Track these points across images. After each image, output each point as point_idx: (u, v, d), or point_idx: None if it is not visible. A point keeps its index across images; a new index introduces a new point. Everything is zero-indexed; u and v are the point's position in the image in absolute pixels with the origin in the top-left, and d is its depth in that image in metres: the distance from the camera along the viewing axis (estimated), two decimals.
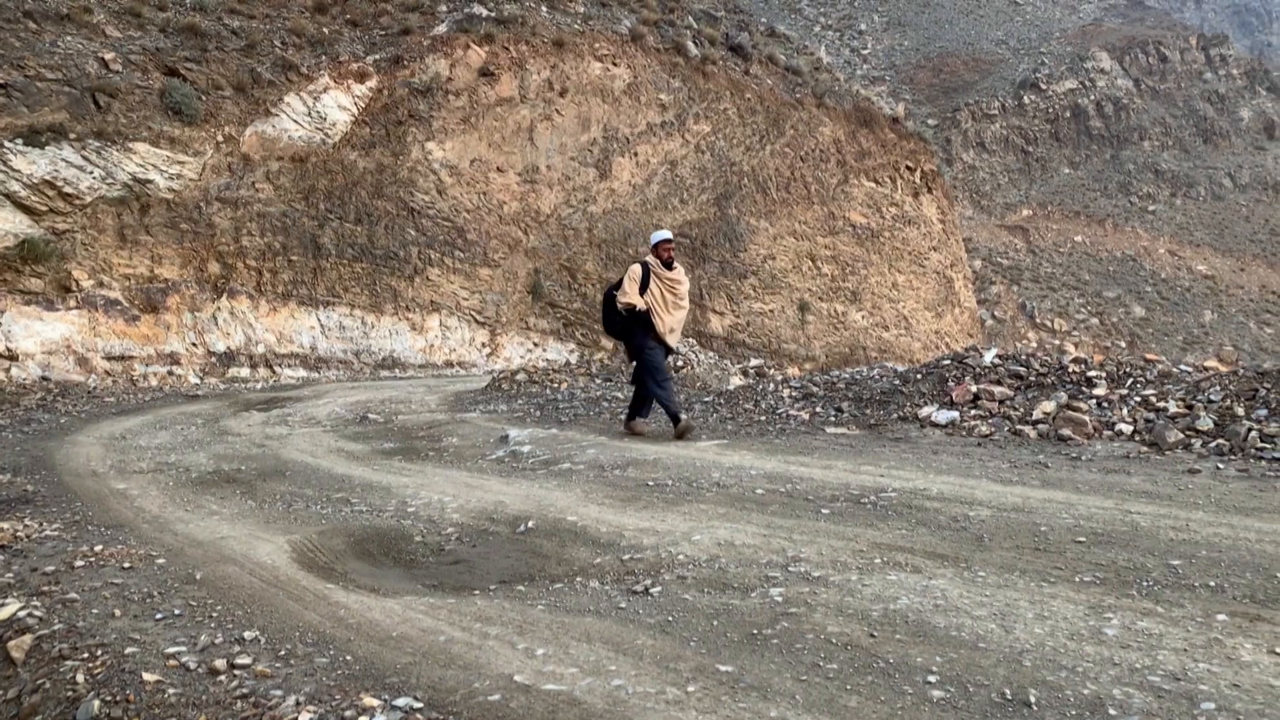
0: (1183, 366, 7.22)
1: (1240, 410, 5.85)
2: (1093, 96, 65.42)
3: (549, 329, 21.37)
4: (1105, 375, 7.04)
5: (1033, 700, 2.42)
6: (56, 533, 4.78)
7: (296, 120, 17.71)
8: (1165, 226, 60.38)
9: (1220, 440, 5.60)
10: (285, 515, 5.18)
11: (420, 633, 3.15)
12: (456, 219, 20.06)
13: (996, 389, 7.18)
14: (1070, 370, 7.23)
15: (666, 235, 7.71)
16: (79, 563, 4.17)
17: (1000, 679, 2.55)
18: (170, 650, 3.05)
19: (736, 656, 2.81)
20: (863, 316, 27.27)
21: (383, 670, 2.84)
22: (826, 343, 26.11)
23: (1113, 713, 2.33)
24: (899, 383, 8.02)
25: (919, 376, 7.98)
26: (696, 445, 6.84)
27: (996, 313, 50.48)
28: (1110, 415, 6.37)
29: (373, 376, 17.42)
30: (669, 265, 7.63)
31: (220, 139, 16.47)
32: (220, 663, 2.91)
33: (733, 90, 25.81)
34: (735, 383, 12.56)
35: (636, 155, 23.49)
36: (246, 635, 3.17)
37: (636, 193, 23.37)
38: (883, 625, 2.99)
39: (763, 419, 7.97)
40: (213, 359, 16.03)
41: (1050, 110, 64.71)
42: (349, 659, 2.94)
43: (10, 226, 13.73)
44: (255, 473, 6.65)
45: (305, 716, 2.54)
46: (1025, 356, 7.72)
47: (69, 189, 14.27)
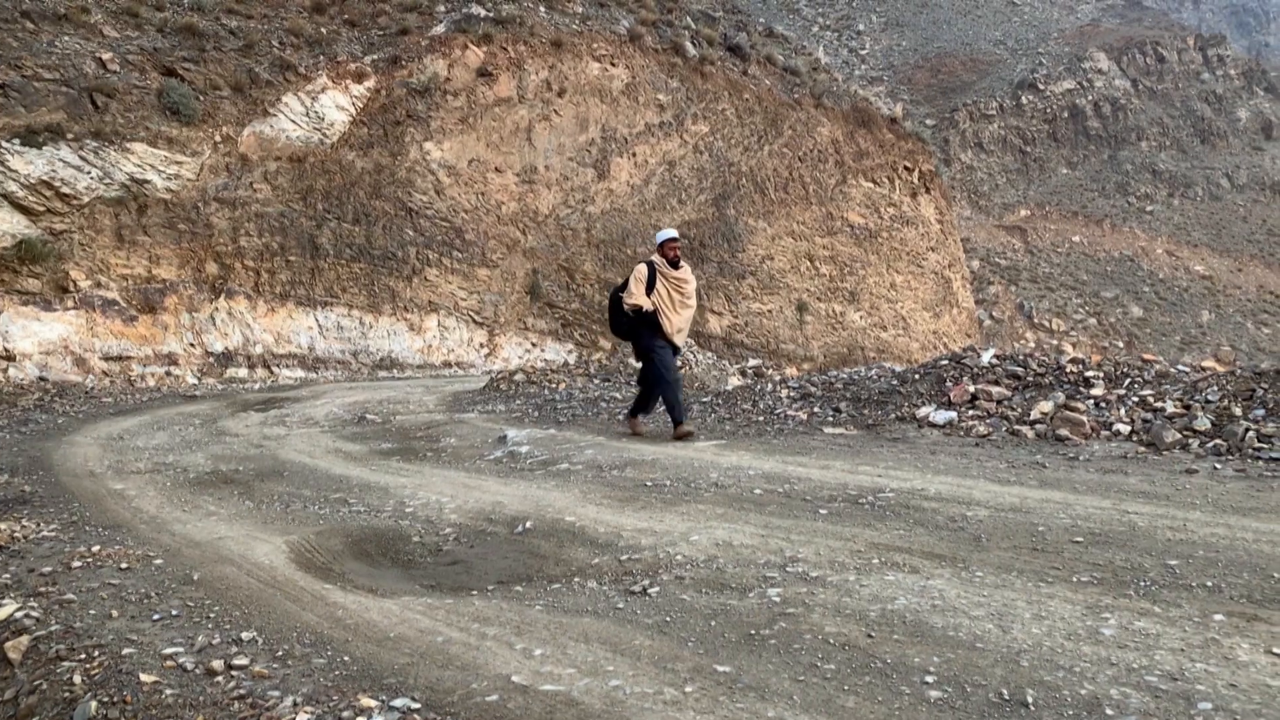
0: (1180, 366, 7.23)
1: (1238, 410, 5.86)
2: (1090, 97, 65.46)
3: (547, 329, 21.36)
4: (1103, 375, 7.04)
5: (1030, 700, 2.42)
6: (54, 533, 4.78)
7: (294, 120, 17.70)
8: (1163, 227, 60.42)
9: (1218, 440, 5.61)
10: (283, 516, 5.18)
11: (418, 633, 3.15)
12: (454, 219, 20.05)
13: (994, 389, 7.18)
14: (1068, 370, 7.24)
15: (672, 234, 7.59)
16: (76, 563, 4.16)
17: (998, 679, 2.56)
18: (167, 651, 3.05)
19: (734, 657, 2.81)
20: (861, 317, 27.28)
21: (380, 671, 2.84)
22: (824, 343, 26.12)
23: (1110, 713, 2.34)
24: (897, 383, 8.03)
25: (917, 377, 7.99)
26: (694, 445, 6.84)
27: (994, 313, 50.50)
28: (1108, 415, 6.37)
29: (371, 377, 17.41)
30: (675, 264, 7.50)
31: (218, 139, 16.46)
32: (218, 663, 2.91)
33: (731, 90, 25.81)
34: (733, 383, 12.57)
35: (635, 156, 23.49)
36: (244, 636, 3.17)
37: (635, 193, 23.37)
38: (880, 625, 3.00)
39: (761, 419, 7.97)
40: (210, 359, 16.02)
41: (1048, 110, 64.73)
42: (346, 659, 2.94)
43: (8, 227, 13.71)
44: (253, 473, 6.65)
45: (303, 717, 2.54)
46: (1023, 357, 7.73)
47: (66, 189, 14.25)
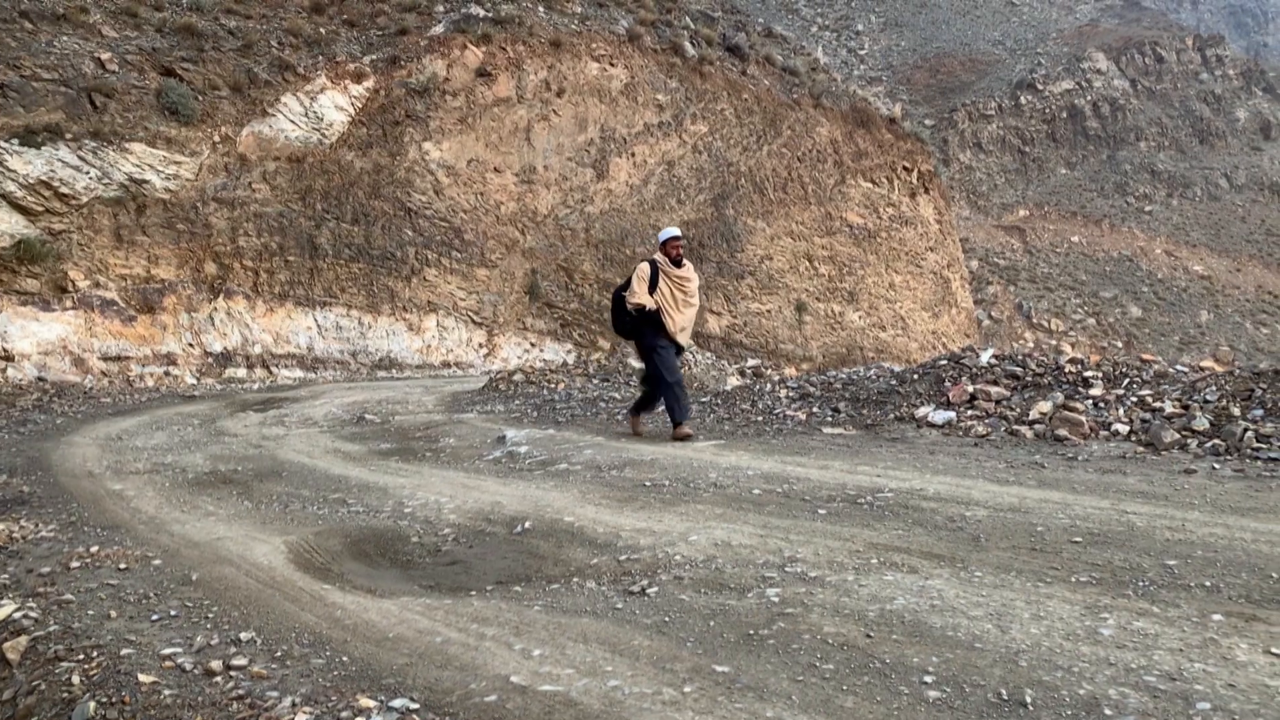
0: (1179, 366, 7.23)
1: (1236, 410, 5.86)
2: (1089, 97, 65.48)
3: (546, 329, 21.36)
4: (1102, 375, 7.05)
5: (1028, 700, 2.42)
6: (52, 534, 4.78)
7: (293, 120, 17.69)
8: (1162, 227, 60.45)
9: (1216, 440, 5.61)
10: (282, 516, 5.17)
11: (417, 634, 3.15)
12: (453, 219, 20.04)
13: (993, 389, 7.18)
14: (1067, 370, 7.24)
15: (675, 232, 7.56)
16: (75, 564, 4.16)
17: (996, 679, 2.56)
18: (166, 651, 3.05)
19: (733, 657, 2.81)
20: (860, 317, 27.29)
21: (379, 671, 2.84)
22: (823, 343, 26.13)
23: (1108, 713, 2.34)
24: (896, 383, 8.03)
25: (916, 377, 7.99)
26: (693, 446, 6.84)
27: (993, 313, 50.51)
28: (1106, 415, 6.37)
29: (370, 377, 17.40)
30: (678, 263, 7.47)
31: (217, 139, 16.45)
32: (216, 664, 2.91)
33: (730, 91, 25.81)
34: (732, 383, 12.57)
35: (634, 156, 23.49)
36: (243, 636, 3.17)
37: (634, 193, 23.37)
38: (879, 625, 3.00)
39: (760, 419, 7.97)
40: (209, 359, 16.01)
41: (1047, 111, 64.75)
42: (345, 660, 2.94)
43: (6, 227, 13.70)
44: (252, 473, 6.65)
45: (301, 717, 2.54)
46: (1022, 357, 7.73)
47: (65, 189, 14.24)
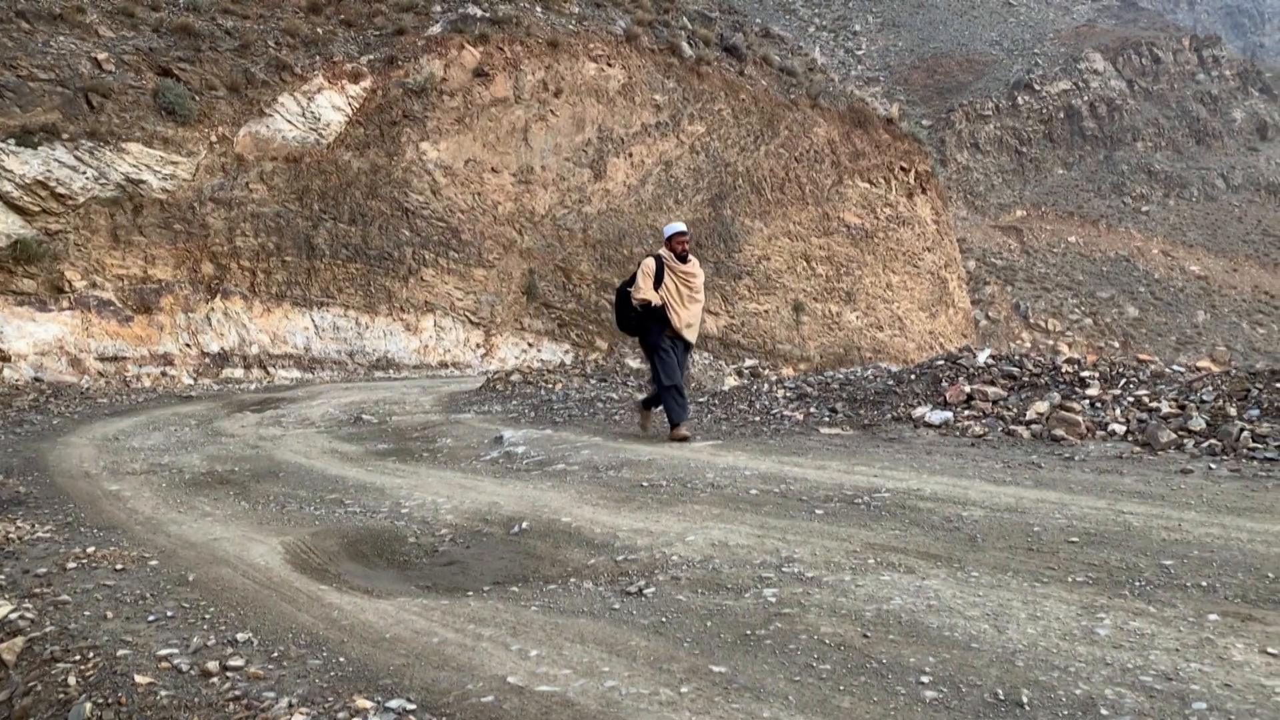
0: (1175, 367, 7.25)
1: (1233, 410, 5.87)
2: (1086, 97, 65.56)
3: (544, 329, 21.35)
4: (1098, 375, 7.06)
5: (1025, 700, 2.42)
6: (49, 534, 4.77)
7: (290, 120, 17.67)
8: (1158, 227, 60.55)
9: (1213, 440, 5.61)
10: (279, 517, 5.17)
11: (414, 634, 3.15)
12: (451, 219, 20.03)
13: (990, 389, 7.19)
14: (1064, 370, 7.25)
15: (681, 228, 7.54)
16: (71, 564, 4.15)
17: (993, 679, 2.56)
18: (163, 652, 3.04)
19: (730, 657, 2.81)
20: (857, 317, 27.30)
21: (376, 672, 2.83)
22: (821, 343, 26.14)
23: (1105, 713, 2.34)
24: (893, 383, 8.04)
25: (913, 377, 8.00)
26: (691, 446, 6.85)
27: (990, 313, 50.57)
28: (1103, 415, 6.38)
29: (367, 377, 17.38)
30: (683, 258, 7.43)
31: (214, 139, 16.43)
32: (213, 665, 2.91)
33: (727, 91, 25.82)
34: (730, 383, 12.58)
35: (631, 156, 23.49)
36: (239, 637, 3.17)
37: (631, 193, 23.37)
38: (876, 626, 3.00)
39: (757, 419, 7.97)
40: (206, 360, 15.99)
41: (1044, 111, 64.82)
42: (342, 661, 2.94)
43: (3, 227, 13.68)
44: (249, 474, 6.64)
45: (298, 718, 2.54)
46: (1019, 357, 7.74)
47: (62, 189, 14.22)
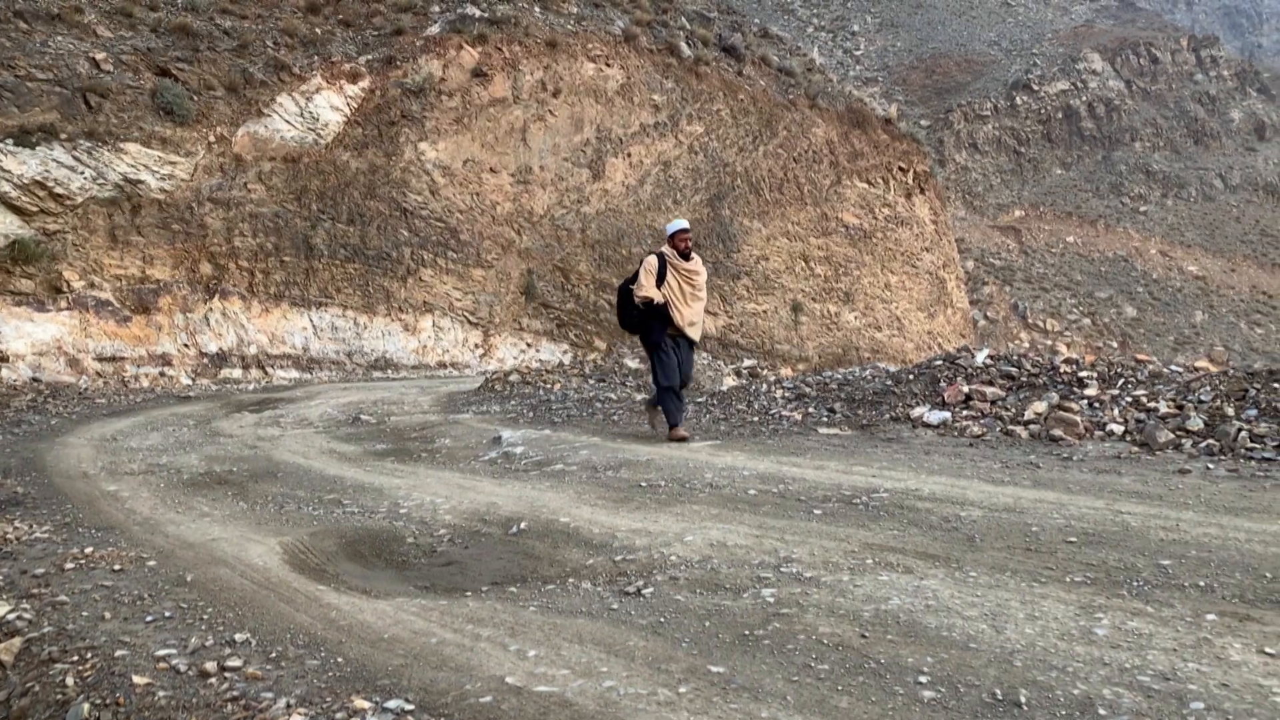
0: (1173, 367, 7.25)
1: (1230, 410, 5.88)
2: (1084, 97, 65.63)
3: (542, 330, 21.35)
4: (1096, 376, 7.06)
5: (1023, 700, 2.43)
6: (47, 535, 4.76)
7: (289, 120, 17.66)
8: (1156, 227, 60.61)
9: (1210, 440, 5.62)
10: (277, 517, 5.16)
11: (412, 634, 3.15)
12: (449, 219, 20.03)
13: (988, 389, 7.19)
14: (1062, 371, 7.26)
15: (683, 225, 7.47)
16: (69, 565, 4.15)
17: (991, 679, 2.56)
18: (160, 653, 3.04)
19: (728, 657, 2.81)
20: (855, 317, 27.31)
21: (374, 672, 2.83)
22: (819, 343, 26.14)
23: (1102, 712, 2.34)
24: (891, 383, 8.04)
25: (911, 377, 8.00)
26: (689, 446, 6.85)
27: (989, 313, 50.60)
28: (1101, 416, 6.39)
29: (365, 377, 17.38)
30: (686, 256, 7.38)
31: (212, 139, 16.42)
32: (211, 665, 2.90)
33: (726, 91, 25.82)
34: (728, 383, 12.58)
35: (630, 156, 23.49)
36: (237, 637, 3.16)
37: (630, 193, 23.37)
38: (874, 626, 3.00)
39: (755, 420, 7.97)
40: (205, 360, 15.98)
41: (1042, 111, 64.89)
42: (340, 661, 2.94)
43: (1, 227, 13.66)
44: (247, 474, 6.63)
45: (296, 719, 2.54)
46: (1017, 357, 7.74)
47: (60, 189, 14.20)
